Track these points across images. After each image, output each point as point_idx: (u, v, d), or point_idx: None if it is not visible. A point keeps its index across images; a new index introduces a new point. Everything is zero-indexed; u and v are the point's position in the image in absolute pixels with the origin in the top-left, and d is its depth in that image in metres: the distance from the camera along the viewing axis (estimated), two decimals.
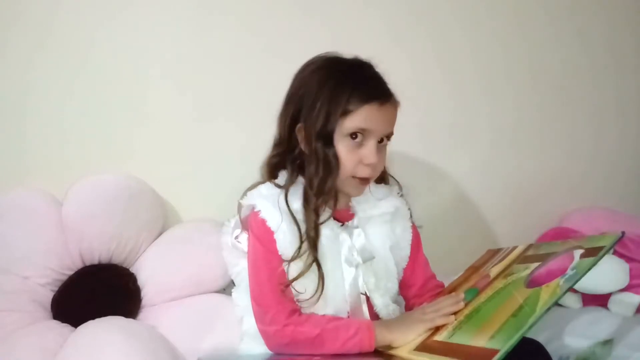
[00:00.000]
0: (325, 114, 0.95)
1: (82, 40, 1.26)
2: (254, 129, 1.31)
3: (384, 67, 1.03)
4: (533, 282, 0.90)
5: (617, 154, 1.68)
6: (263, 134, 1.07)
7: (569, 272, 0.87)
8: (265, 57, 1.35)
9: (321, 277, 0.96)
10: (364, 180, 1.00)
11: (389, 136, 1.01)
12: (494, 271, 1.03)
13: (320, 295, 0.96)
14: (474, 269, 1.11)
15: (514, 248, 1.10)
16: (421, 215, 1.15)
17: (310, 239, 0.96)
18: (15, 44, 1.23)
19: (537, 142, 1.60)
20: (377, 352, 0.95)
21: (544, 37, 1.57)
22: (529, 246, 1.08)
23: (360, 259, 1.01)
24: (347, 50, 1.05)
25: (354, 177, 0.98)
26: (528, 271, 0.94)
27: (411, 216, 1.12)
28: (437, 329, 0.92)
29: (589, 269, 0.86)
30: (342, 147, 0.96)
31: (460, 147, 1.53)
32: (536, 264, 0.96)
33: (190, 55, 1.32)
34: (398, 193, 1.11)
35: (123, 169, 1.28)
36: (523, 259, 1.02)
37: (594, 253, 0.88)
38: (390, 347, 0.95)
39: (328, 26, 1.38)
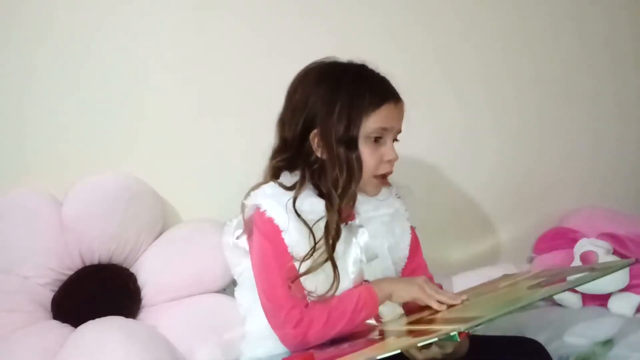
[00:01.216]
0: (347, 118, 0.97)
1: (82, 39, 1.26)
2: (254, 129, 1.31)
3: (384, 68, 1.03)
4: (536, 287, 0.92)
5: (617, 154, 1.68)
6: (263, 134, 1.06)
7: (573, 278, 0.89)
8: (266, 56, 1.35)
9: (337, 277, 0.97)
10: (384, 178, 1.04)
11: (398, 133, 1.04)
12: (503, 284, 1.05)
13: (333, 294, 0.97)
14: (484, 285, 1.12)
15: (528, 272, 1.14)
16: (421, 216, 1.15)
17: (331, 238, 0.97)
18: (14, 43, 1.22)
19: (537, 142, 1.60)
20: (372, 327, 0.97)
21: (544, 38, 1.58)
22: (543, 270, 1.12)
23: (364, 258, 1.02)
24: (348, 50, 1.04)
25: (375, 176, 1.01)
26: (535, 282, 0.97)
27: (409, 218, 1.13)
28: (433, 312, 0.93)
29: (593, 280, 0.90)
30: (365, 148, 0.99)
31: (460, 148, 1.53)
32: (544, 279, 0.98)
33: (191, 55, 1.32)
34: (396, 195, 1.12)
35: (123, 168, 1.27)
36: (534, 276, 1.05)
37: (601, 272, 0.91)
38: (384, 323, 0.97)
39: (329, 26, 1.38)
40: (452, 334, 0.72)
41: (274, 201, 0.99)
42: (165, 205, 1.32)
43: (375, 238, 1.04)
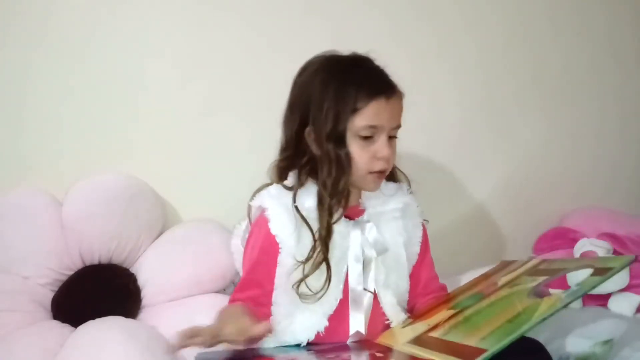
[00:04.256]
0: (334, 115, 0.95)
1: (82, 37, 1.26)
2: (254, 129, 1.31)
3: (385, 65, 1.02)
4: (536, 294, 0.91)
5: (617, 153, 1.68)
6: (264, 134, 1.06)
7: (574, 287, 0.88)
8: (266, 55, 1.35)
9: (329, 277, 0.96)
10: (380, 174, 1.01)
11: (397, 129, 1.01)
12: (503, 280, 1.03)
13: (324, 293, 0.96)
14: (484, 277, 1.12)
15: (527, 261, 1.11)
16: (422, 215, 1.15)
17: (322, 239, 0.96)
18: (13, 43, 1.23)
19: (537, 141, 1.60)
20: (374, 344, 0.96)
21: (545, 37, 1.57)
22: (543, 261, 1.09)
23: (374, 252, 1.01)
24: (350, 47, 1.04)
25: (370, 172, 0.99)
26: (534, 283, 0.95)
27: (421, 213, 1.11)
28: (434, 326, 0.92)
29: (594, 287, 0.87)
30: (355, 145, 0.97)
31: (460, 146, 1.53)
32: (544, 278, 0.96)
33: (191, 54, 1.32)
34: (408, 190, 1.10)
35: (123, 168, 1.28)
36: (533, 271, 1.03)
37: (602, 273, 0.89)
38: (385, 339, 0.96)
39: (330, 24, 1.38)
40: None
41: (276, 202, 0.99)
42: (165, 205, 1.32)
43: (389, 234, 1.04)
